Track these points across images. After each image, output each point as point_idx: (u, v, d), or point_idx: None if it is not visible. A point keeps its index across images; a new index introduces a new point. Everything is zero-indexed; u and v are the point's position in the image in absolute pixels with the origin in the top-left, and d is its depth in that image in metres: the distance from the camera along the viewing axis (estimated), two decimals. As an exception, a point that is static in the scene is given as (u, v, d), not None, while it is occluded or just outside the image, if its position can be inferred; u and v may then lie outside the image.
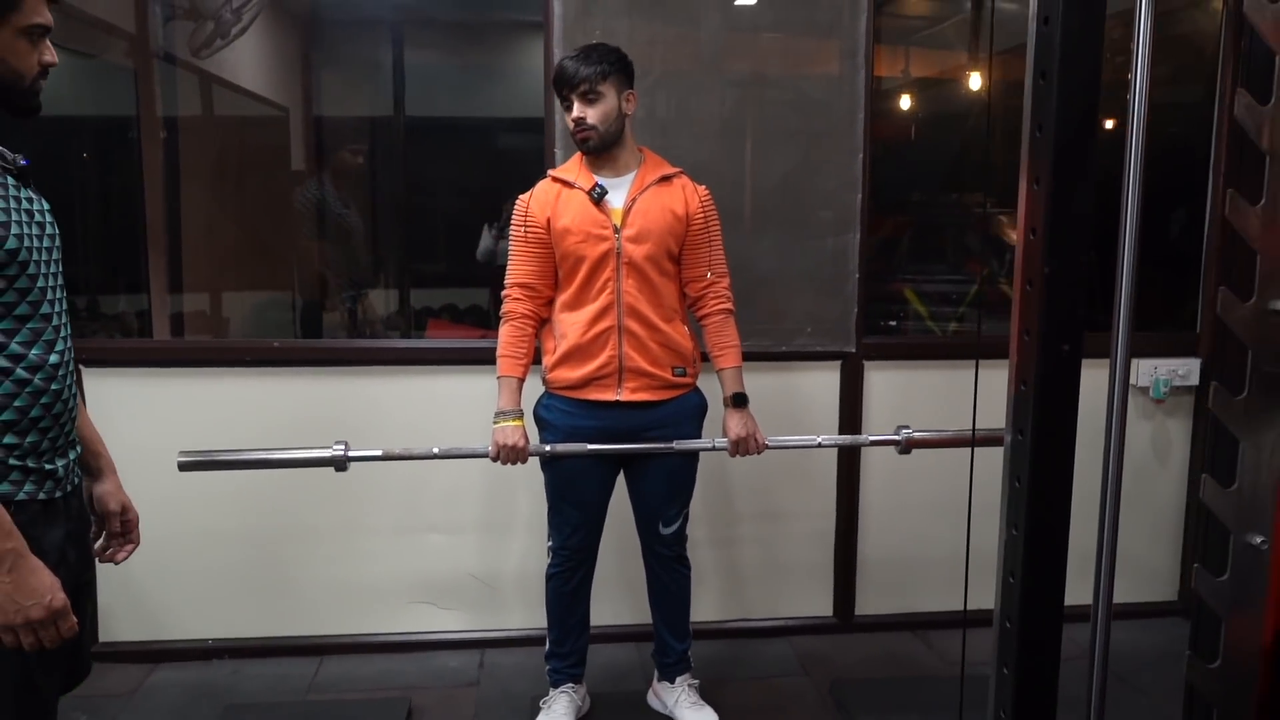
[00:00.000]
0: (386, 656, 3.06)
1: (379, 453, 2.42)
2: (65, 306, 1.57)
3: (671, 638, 2.63)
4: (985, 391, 3.19)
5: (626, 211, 2.39)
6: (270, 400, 2.99)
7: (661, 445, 2.44)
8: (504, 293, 2.49)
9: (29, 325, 1.47)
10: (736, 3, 3.02)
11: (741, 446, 2.47)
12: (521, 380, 2.45)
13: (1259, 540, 1.35)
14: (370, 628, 3.11)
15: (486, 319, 4.59)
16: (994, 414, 3.21)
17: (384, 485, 3.05)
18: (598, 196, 2.37)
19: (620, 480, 2.57)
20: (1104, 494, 1.38)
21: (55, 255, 1.56)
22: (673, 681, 2.63)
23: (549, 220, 2.39)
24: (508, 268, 2.47)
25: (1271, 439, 1.34)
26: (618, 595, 3.06)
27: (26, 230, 1.46)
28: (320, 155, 4.76)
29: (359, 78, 4.98)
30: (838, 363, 3.14)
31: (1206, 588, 1.40)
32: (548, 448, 2.43)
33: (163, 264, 3.94)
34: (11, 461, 1.46)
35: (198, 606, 3.04)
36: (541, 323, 2.48)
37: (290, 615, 3.08)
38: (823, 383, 3.15)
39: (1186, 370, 3.27)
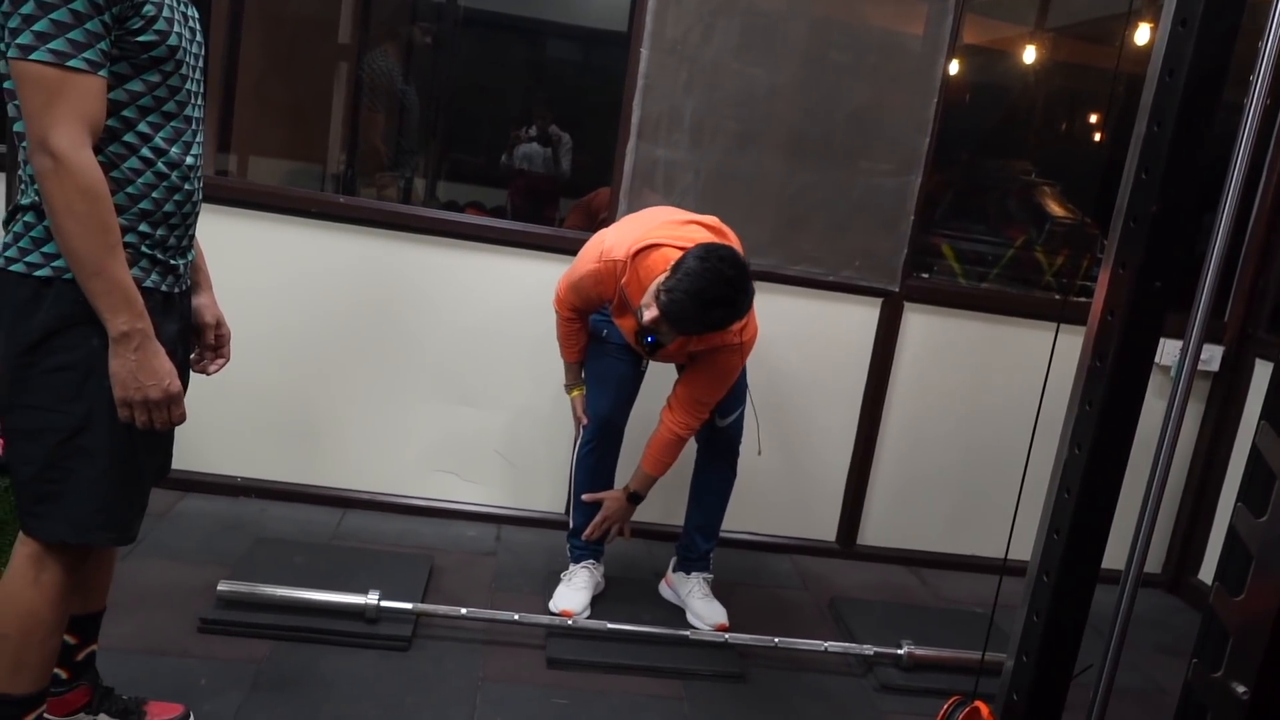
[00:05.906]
0: (407, 518, 3.17)
1: (409, 607, 2.49)
2: (202, 115, 1.62)
3: (700, 537, 2.74)
4: (1013, 351, 3.30)
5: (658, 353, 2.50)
6: (323, 255, 3.05)
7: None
8: (557, 305, 2.61)
9: (173, 123, 1.53)
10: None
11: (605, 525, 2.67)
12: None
13: (1302, 488, 1.45)
14: (393, 489, 3.21)
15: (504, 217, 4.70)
16: (1021, 376, 3.31)
17: (426, 354, 3.13)
18: (649, 348, 2.45)
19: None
20: (1154, 464, 1.46)
21: (200, 65, 1.61)
22: (688, 574, 2.75)
23: (604, 302, 2.52)
24: (568, 290, 2.55)
25: (1332, 396, 1.43)
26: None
27: (181, 31, 1.51)
28: (366, 31, 4.71)
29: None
30: (879, 300, 3.21)
31: (1244, 526, 1.50)
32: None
33: (214, 118, 3.92)
34: (143, 249, 1.52)
35: (231, 444, 3.13)
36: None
37: (318, 466, 3.18)
38: (861, 318, 3.23)
39: (1209, 355, 3.35)
